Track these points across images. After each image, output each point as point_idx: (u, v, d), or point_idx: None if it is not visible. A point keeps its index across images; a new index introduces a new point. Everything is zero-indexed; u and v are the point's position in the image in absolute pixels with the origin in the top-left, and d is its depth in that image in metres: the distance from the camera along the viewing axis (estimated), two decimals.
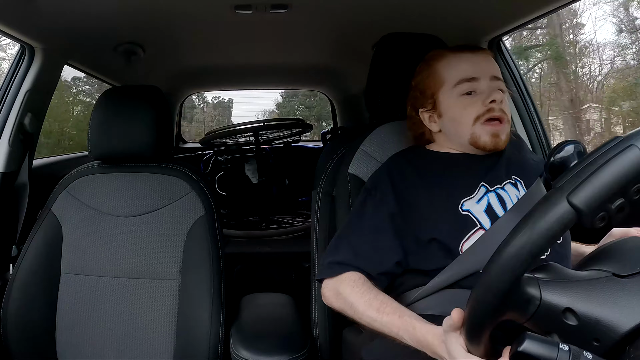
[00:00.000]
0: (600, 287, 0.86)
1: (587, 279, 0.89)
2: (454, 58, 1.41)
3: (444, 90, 1.41)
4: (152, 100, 1.72)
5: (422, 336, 1.10)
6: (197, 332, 1.58)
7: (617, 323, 0.81)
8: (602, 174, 0.74)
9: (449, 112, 1.40)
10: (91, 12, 1.87)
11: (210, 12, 2.04)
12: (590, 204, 0.73)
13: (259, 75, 3.79)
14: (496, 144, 1.35)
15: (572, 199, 0.74)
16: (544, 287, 0.85)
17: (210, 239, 1.66)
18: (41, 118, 2.13)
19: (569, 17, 10.89)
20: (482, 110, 1.34)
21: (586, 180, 0.75)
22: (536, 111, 2.40)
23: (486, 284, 0.82)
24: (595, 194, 0.74)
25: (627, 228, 1.30)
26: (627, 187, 0.74)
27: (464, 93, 1.37)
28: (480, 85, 1.36)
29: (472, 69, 1.38)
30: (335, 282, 1.32)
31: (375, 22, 2.11)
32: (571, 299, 0.84)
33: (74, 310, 1.64)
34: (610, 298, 0.84)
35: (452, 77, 1.39)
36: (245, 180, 3.61)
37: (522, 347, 0.81)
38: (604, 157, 0.76)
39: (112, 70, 2.88)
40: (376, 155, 1.57)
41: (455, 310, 0.95)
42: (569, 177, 0.77)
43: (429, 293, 1.26)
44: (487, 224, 1.28)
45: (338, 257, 1.34)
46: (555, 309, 0.84)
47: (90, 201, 1.70)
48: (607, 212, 0.75)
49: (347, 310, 1.28)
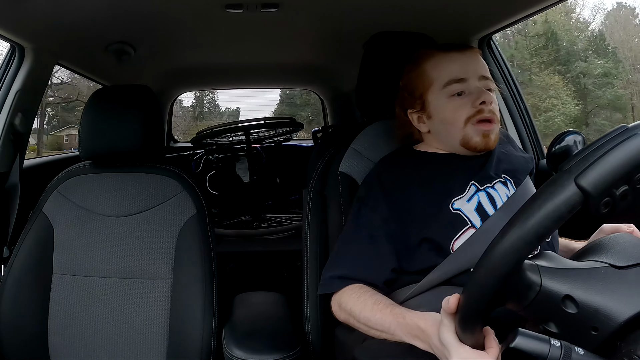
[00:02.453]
0: (600, 277, 0.87)
1: (586, 267, 0.90)
2: (443, 58, 1.41)
3: (432, 91, 1.40)
4: (143, 100, 1.72)
5: (412, 323, 1.10)
6: (189, 331, 1.58)
7: (616, 312, 0.82)
8: (609, 159, 0.74)
9: (439, 113, 1.40)
10: (82, 11, 1.87)
11: (201, 11, 2.04)
12: (598, 187, 0.74)
13: (250, 74, 3.80)
14: (487, 144, 1.35)
15: (580, 181, 0.74)
16: (544, 274, 0.86)
17: (202, 238, 1.65)
18: (31, 118, 2.12)
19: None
20: (472, 111, 1.35)
21: (594, 163, 0.75)
22: (526, 109, 2.41)
23: (488, 266, 0.81)
24: (602, 177, 0.74)
25: (617, 224, 1.32)
26: (632, 174, 0.75)
27: (454, 94, 1.37)
28: (470, 86, 1.36)
29: (461, 70, 1.37)
30: (339, 295, 1.32)
31: (365, 21, 2.11)
32: (571, 286, 0.85)
33: (66, 311, 1.63)
34: (609, 287, 0.85)
35: (441, 77, 1.39)
36: (237, 180, 3.61)
37: (514, 343, 0.82)
38: (611, 143, 0.76)
39: (103, 70, 2.88)
40: (367, 153, 1.57)
41: (448, 297, 0.94)
42: (576, 161, 0.77)
43: (420, 291, 1.26)
44: (478, 222, 1.29)
45: (338, 271, 1.34)
46: (555, 295, 0.85)
47: (81, 201, 1.69)
48: (611, 197, 0.75)
49: (350, 320, 1.27)
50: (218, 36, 2.51)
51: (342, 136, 1.64)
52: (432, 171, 1.39)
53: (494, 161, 1.40)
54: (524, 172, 1.42)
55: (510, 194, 1.34)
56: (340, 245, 1.40)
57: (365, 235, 1.34)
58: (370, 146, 1.58)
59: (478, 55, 1.43)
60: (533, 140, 2.38)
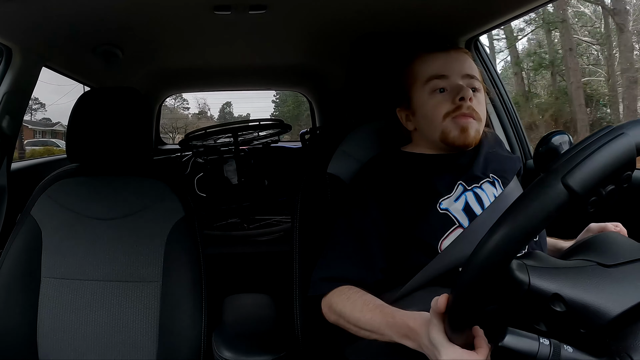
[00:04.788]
0: (587, 275, 0.88)
1: (573, 266, 0.91)
2: (427, 56, 1.44)
3: (416, 87, 1.43)
4: (131, 102, 1.72)
5: (402, 322, 1.10)
6: (179, 333, 1.58)
7: (605, 310, 0.83)
8: (596, 158, 0.76)
9: (421, 109, 1.42)
10: (69, 13, 1.86)
11: (189, 13, 2.03)
12: (585, 186, 0.75)
13: (239, 76, 3.79)
14: (465, 139, 1.36)
15: (567, 180, 0.75)
16: (532, 273, 0.86)
17: (191, 240, 1.66)
18: (19, 120, 2.11)
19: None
20: (451, 107, 1.36)
21: (580, 163, 0.76)
22: (514, 111, 2.42)
23: (476, 265, 0.81)
24: (589, 177, 0.75)
25: (604, 223, 1.33)
26: (618, 173, 0.76)
27: (435, 90, 1.39)
28: (451, 83, 1.38)
29: (443, 67, 1.40)
30: (329, 296, 1.32)
31: (353, 22, 2.12)
32: (559, 285, 0.86)
33: (55, 315, 1.62)
34: (597, 285, 0.86)
35: (423, 74, 1.41)
36: (225, 182, 3.60)
37: (503, 342, 0.82)
38: (597, 143, 0.77)
39: (91, 71, 2.86)
40: (355, 155, 1.57)
41: (437, 297, 0.95)
42: (563, 161, 0.78)
43: (409, 291, 1.26)
44: (466, 222, 1.29)
45: (328, 273, 1.34)
46: (543, 294, 0.85)
47: (69, 204, 1.68)
48: (598, 196, 0.77)
49: (340, 321, 1.28)
50: (206, 38, 2.50)
51: (330, 137, 1.64)
52: (420, 172, 1.39)
53: (481, 161, 1.40)
54: (511, 172, 1.43)
55: (498, 193, 1.35)
56: (329, 246, 1.40)
57: (354, 236, 1.35)
58: (359, 147, 1.59)
59: (464, 55, 1.44)
60: (520, 141, 2.39)
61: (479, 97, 1.40)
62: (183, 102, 16.15)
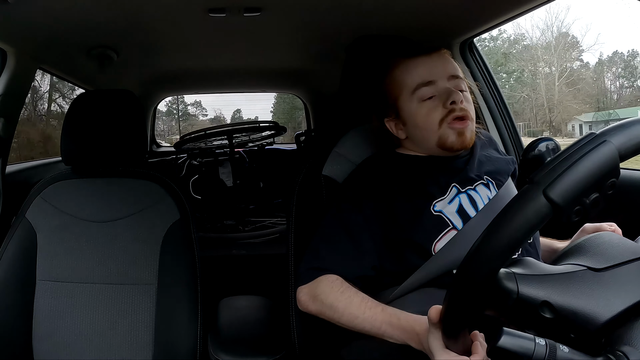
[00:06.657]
0: (576, 281, 0.87)
1: (562, 272, 0.90)
2: (410, 63, 1.42)
3: (403, 97, 1.41)
4: (126, 104, 1.72)
5: (408, 326, 1.11)
6: (175, 336, 1.57)
7: (595, 315, 0.83)
8: (578, 168, 0.75)
9: (412, 119, 1.40)
10: (64, 16, 1.86)
11: (184, 15, 2.03)
12: (566, 198, 0.74)
13: (234, 78, 3.79)
14: (463, 142, 1.36)
15: (549, 192, 0.75)
16: (520, 281, 0.86)
17: (186, 243, 1.65)
18: (14, 123, 2.10)
19: None
20: (444, 112, 1.35)
21: (562, 174, 0.75)
22: (508, 111, 2.43)
23: (463, 278, 0.82)
24: (571, 188, 0.74)
25: (599, 223, 1.33)
26: (601, 181, 0.75)
27: (425, 99, 1.38)
28: (439, 88, 1.37)
29: (428, 72, 1.38)
30: (311, 285, 1.32)
31: (348, 25, 2.12)
32: (548, 292, 0.85)
33: (50, 318, 1.62)
34: (586, 291, 0.85)
35: (409, 83, 1.40)
36: (220, 184, 3.60)
37: (499, 343, 0.82)
38: (579, 152, 0.76)
39: (86, 74, 2.86)
40: (350, 157, 1.57)
41: (432, 307, 0.97)
42: (544, 172, 0.77)
43: (403, 293, 1.27)
44: (459, 224, 1.30)
45: (315, 263, 1.34)
46: (532, 302, 0.85)
47: (64, 207, 1.68)
48: (582, 206, 0.75)
49: (325, 311, 1.27)
50: (201, 41, 2.50)
51: (325, 140, 1.65)
52: (414, 174, 1.39)
53: (475, 163, 1.41)
54: (505, 173, 1.43)
55: (492, 195, 1.36)
56: (317, 239, 1.39)
57: (345, 230, 1.35)
58: (353, 150, 1.59)
59: (446, 55, 1.43)
60: (514, 142, 2.40)
61: (467, 97, 1.39)
62: (202, 110, 16.47)
